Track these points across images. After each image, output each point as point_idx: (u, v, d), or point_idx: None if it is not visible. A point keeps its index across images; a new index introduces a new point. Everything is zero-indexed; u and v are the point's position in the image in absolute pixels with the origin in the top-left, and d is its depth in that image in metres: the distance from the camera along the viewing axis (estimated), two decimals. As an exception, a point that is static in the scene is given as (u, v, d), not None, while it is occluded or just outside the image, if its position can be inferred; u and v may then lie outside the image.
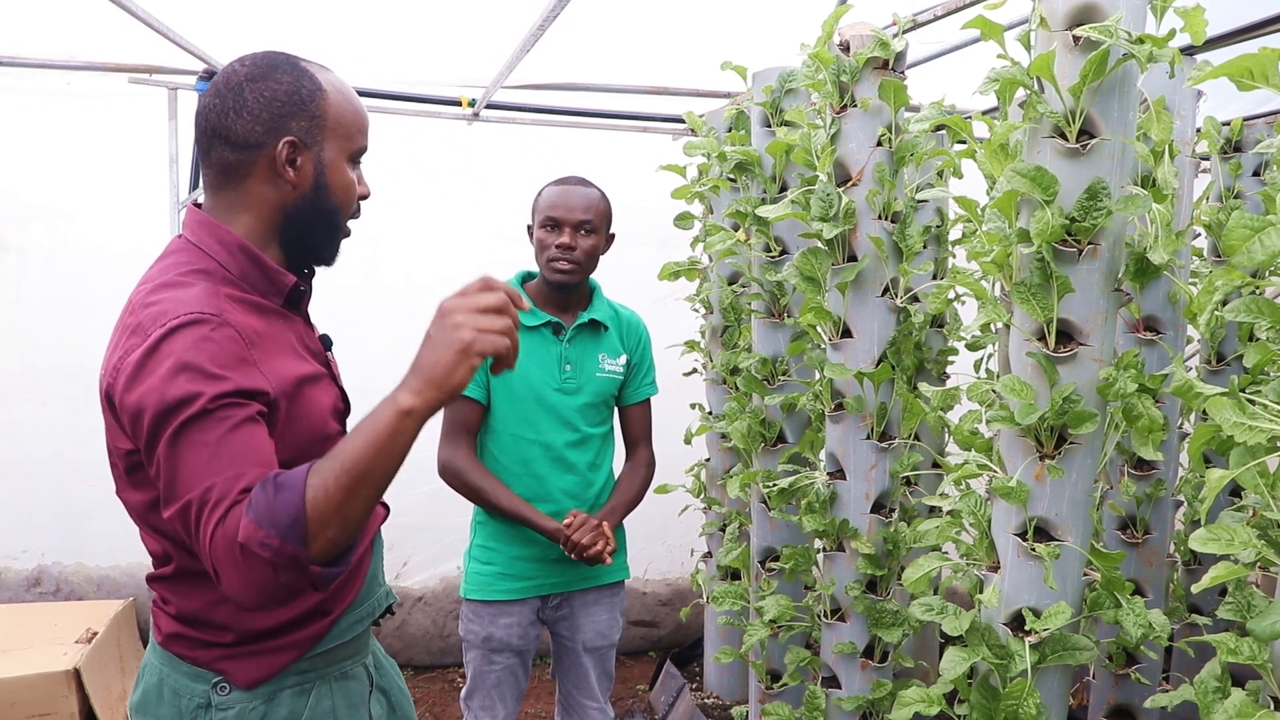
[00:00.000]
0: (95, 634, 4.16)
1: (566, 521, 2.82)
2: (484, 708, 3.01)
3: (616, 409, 3.15)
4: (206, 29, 3.96)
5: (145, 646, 4.61)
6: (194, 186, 4.30)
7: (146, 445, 1.50)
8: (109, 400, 1.58)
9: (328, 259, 1.83)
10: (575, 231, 2.84)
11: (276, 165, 1.67)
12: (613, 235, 2.98)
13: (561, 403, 2.92)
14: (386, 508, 1.93)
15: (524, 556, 2.95)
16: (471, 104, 4.45)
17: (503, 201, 4.69)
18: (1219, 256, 3.57)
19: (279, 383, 1.63)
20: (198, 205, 1.79)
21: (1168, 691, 2.13)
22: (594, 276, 3.02)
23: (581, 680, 3.10)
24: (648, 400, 3.16)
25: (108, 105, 4.45)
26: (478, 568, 3.00)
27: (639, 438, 3.16)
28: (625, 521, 3.10)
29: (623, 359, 3.03)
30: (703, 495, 4.22)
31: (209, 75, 4.13)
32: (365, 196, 1.82)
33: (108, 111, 4.47)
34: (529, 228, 2.93)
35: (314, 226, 1.75)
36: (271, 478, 1.44)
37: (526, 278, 3.01)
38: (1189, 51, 2.96)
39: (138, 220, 4.56)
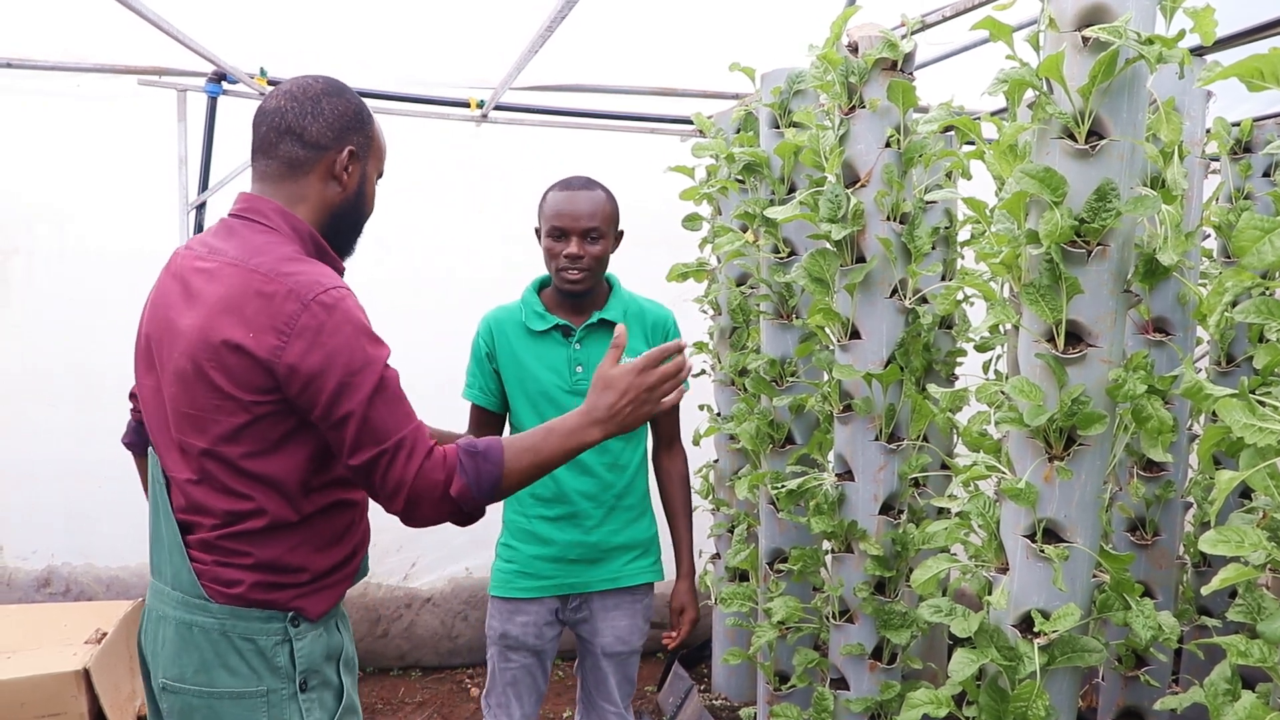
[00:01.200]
0: (105, 634, 4.17)
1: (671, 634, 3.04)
2: (500, 705, 3.00)
3: None
4: (216, 31, 3.97)
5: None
6: (203, 188, 4.31)
7: (329, 400, 1.79)
8: (251, 356, 1.79)
9: (344, 258, 2.10)
10: (582, 240, 2.79)
11: (335, 168, 1.98)
12: (621, 233, 2.93)
13: (574, 404, 2.85)
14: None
15: (541, 556, 2.94)
16: (480, 105, 4.45)
17: (511, 202, 4.68)
18: (1229, 258, 3.56)
19: None
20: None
21: (1177, 694, 2.12)
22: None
23: (601, 684, 3.08)
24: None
25: (116, 107, 4.46)
26: (500, 565, 3.00)
27: (670, 435, 3.13)
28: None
29: None
30: (711, 496, 4.22)
31: (219, 77, 4.15)
32: (373, 207, 2.13)
33: (116, 113, 4.48)
34: (536, 230, 2.91)
35: (348, 226, 2.06)
36: (479, 448, 1.91)
37: (543, 284, 2.98)
38: (1199, 52, 2.96)
39: (145, 222, 4.57)
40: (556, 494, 2.91)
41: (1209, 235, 3.76)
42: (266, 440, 1.86)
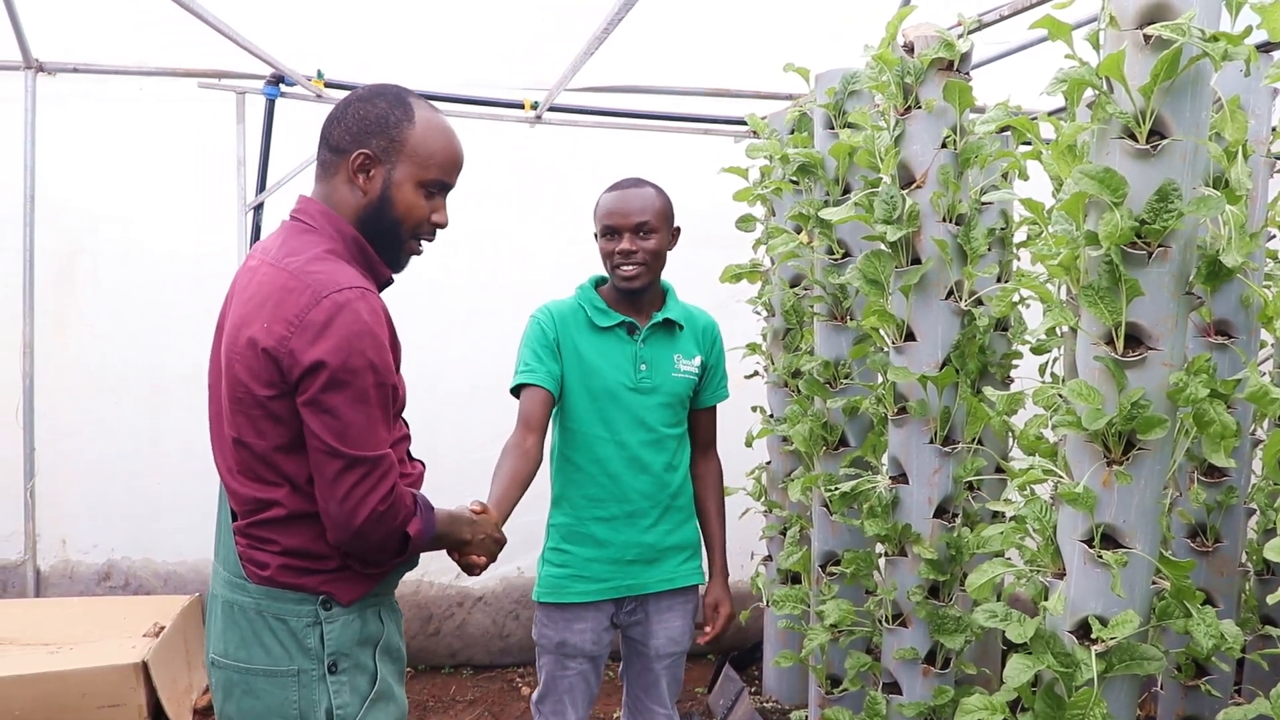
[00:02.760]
0: (162, 628, 4.24)
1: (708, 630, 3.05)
2: (555, 712, 2.99)
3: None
4: (274, 35, 4.03)
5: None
6: (260, 189, 4.38)
7: (319, 392, 1.84)
8: (263, 350, 1.86)
9: (395, 270, 2.13)
10: (634, 235, 2.81)
11: (350, 172, 2.01)
12: (678, 230, 2.94)
13: (637, 402, 2.89)
14: (423, 464, 2.23)
15: (598, 558, 2.91)
16: (534, 107, 4.48)
17: (564, 203, 4.71)
18: (1294, 259, 3.49)
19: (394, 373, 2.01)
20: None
21: (1240, 704, 2.08)
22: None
23: (651, 686, 3.07)
24: (715, 408, 3.13)
25: (177, 110, 4.54)
26: (551, 570, 2.96)
27: (709, 441, 3.14)
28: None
29: (697, 360, 2.99)
30: (763, 498, 4.21)
31: (277, 80, 4.21)
32: (441, 225, 2.12)
33: (177, 116, 4.57)
34: (595, 235, 2.93)
35: (378, 233, 2.06)
36: (423, 501, 2.05)
37: (599, 282, 3.01)
38: (1265, 49, 2.90)
39: (205, 223, 4.66)
40: (615, 494, 2.90)
41: (1274, 236, 3.69)
42: (283, 435, 1.92)
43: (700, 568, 3.10)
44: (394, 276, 2.13)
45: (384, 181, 2.02)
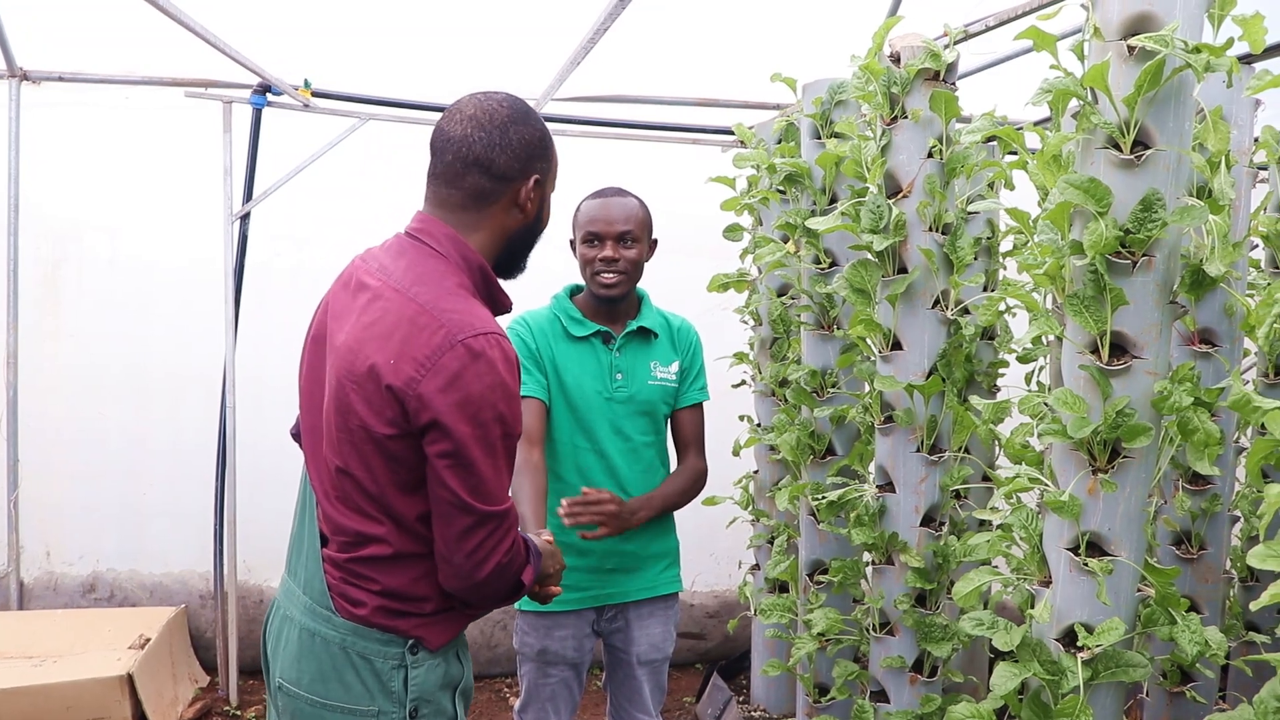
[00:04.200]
0: (148, 640, 4.22)
1: (585, 491, 2.80)
2: (539, 719, 3.01)
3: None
4: (261, 44, 4.02)
5: (194, 652, 4.69)
6: (247, 198, 4.37)
7: (452, 445, 1.78)
8: (387, 386, 1.79)
9: (517, 275, 2.10)
10: (617, 244, 2.82)
11: (520, 197, 1.96)
12: (655, 241, 2.95)
13: (614, 411, 2.89)
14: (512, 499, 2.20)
15: (579, 567, 2.90)
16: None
17: (558, 213, 4.71)
18: (1277, 268, 3.52)
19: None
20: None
21: (1224, 710, 2.09)
22: (643, 286, 3.01)
23: (635, 694, 3.07)
24: (699, 405, 3.08)
25: (163, 118, 4.54)
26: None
27: (690, 442, 3.09)
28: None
29: (675, 366, 2.99)
30: (751, 507, 4.21)
31: (264, 89, 4.21)
32: (548, 222, 2.10)
33: (163, 125, 4.56)
34: (571, 242, 2.93)
35: (524, 249, 2.06)
36: (532, 543, 2.04)
37: (574, 290, 3.01)
38: (1247, 60, 2.93)
39: (192, 232, 4.65)
40: None
41: (1257, 245, 3.72)
42: (398, 475, 1.85)
43: (679, 575, 3.11)
44: (512, 305, 2.09)
45: (541, 199, 2.01)
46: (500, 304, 2.02)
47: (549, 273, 2.91)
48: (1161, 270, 2.11)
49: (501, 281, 2.03)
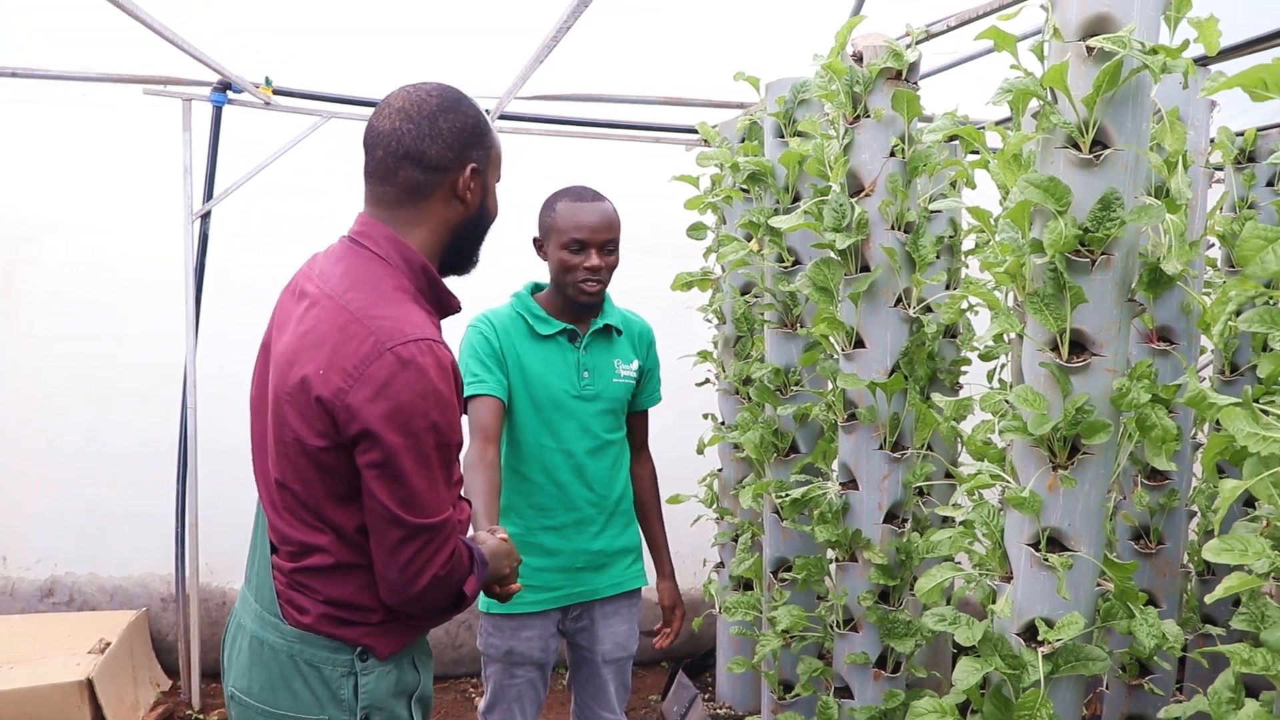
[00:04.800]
0: (108, 644, 4.18)
1: (660, 628, 3.13)
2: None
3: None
4: (221, 41, 3.98)
5: (156, 656, 4.65)
6: (208, 197, 4.33)
7: (380, 456, 1.72)
8: (317, 398, 1.75)
9: (469, 270, 2.06)
10: (601, 252, 2.80)
11: (458, 188, 1.89)
12: None
13: (582, 410, 2.89)
14: (469, 504, 2.16)
15: (547, 567, 2.90)
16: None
17: (515, 211, 4.70)
18: (1233, 267, 3.57)
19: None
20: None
21: (1181, 702, 2.12)
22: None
23: (600, 692, 3.08)
24: (647, 411, 3.16)
25: (122, 116, 4.48)
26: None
27: (643, 441, 3.17)
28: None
29: (635, 364, 3.01)
30: (715, 505, 4.22)
31: (224, 87, 4.16)
32: (497, 214, 2.05)
33: (122, 122, 4.51)
34: (536, 240, 2.90)
35: (472, 243, 2.01)
36: (478, 552, 1.96)
37: (535, 289, 2.99)
38: (1203, 62, 2.97)
39: (153, 232, 4.61)
40: (563, 502, 2.90)
41: (1213, 245, 3.77)
42: (332, 487, 1.81)
43: (643, 570, 3.12)
44: (461, 305, 2.03)
45: (482, 189, 1.94)
46: (447, 305, 1.97)
47: (497, 270, 2.89)
48: (1120, 269, 2.14)
49: (453, 281, 2.01)
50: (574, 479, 2.89)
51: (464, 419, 2.73)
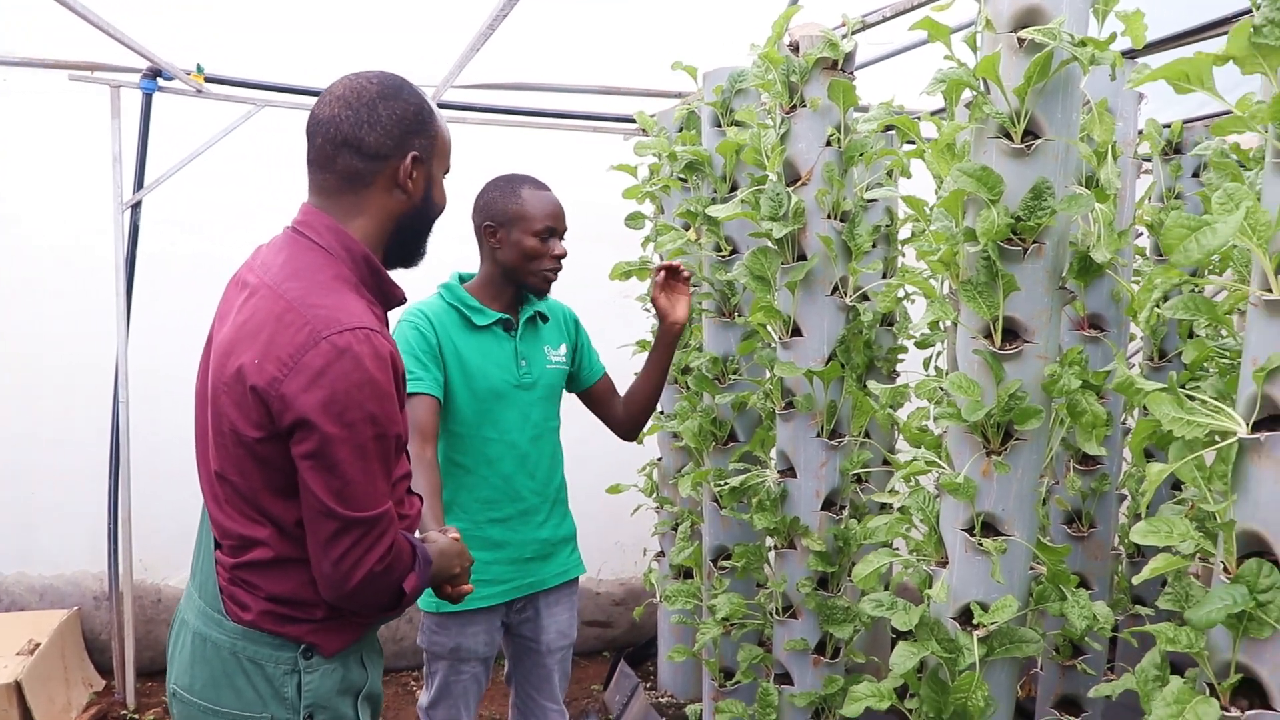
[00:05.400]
0: (38, 645, 4.09)
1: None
2: (449, 717, 2.97)
3: (582, 395, 3.13)
4: (151, 27, 3.91)
5: (89, 656, 4.56)
6: (139, 187, 4.25)
7: (314, 447, 1.69)
8: (252, 388, 1.72)
9: (417, 262, 2.03)
10: (561, 240, 2.84)
11: (399, 177, 1.87)
12: None
13: (522, 399, 2.87)
14: (421, 499, 2.12)
15: (497, 560, 2.87)
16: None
17: (457, 202, 4.66)
18: (1161, 256, 3.64)
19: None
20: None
21: (1112, 681, 2.16)
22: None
23: (544, 682, 3.07)
24: (605, 373, 3.16)
25: (47, 102, 4.38)
26: None
27: (614, 392, 3.16)
28: (578, 519, 3.09)
29: (563, 349, 3.01)
30: (655, 494, 4.23)
31: (154, 74, 4.09)
32: (444, 206, 2.03)
33: (48, 109, 4.41)
34: (488, 227, 2.83)
35: (417, 234, 1.98)
36: (421, 549, 1.92)
37: (463, 278, 2.95)
38: (1130, 55, 3.02)
39: (81, 221, 4.51)
40: (508, 493, 2.87)
41: (1142, 234, 3.84)
42: (270, 479, 1.78)
43: (581, 558, 3.12)
44: (406, 297, 2.00)
45: (426, 179, 1.92)
46: (391, 296, 1.94)
47: (442, 265, 2.87)
48: (1051, 257, 2.17)
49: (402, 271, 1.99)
50: (518, 469, 2.87)
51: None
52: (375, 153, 1.84)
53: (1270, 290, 1.64)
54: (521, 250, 2.80)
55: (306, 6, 4.28)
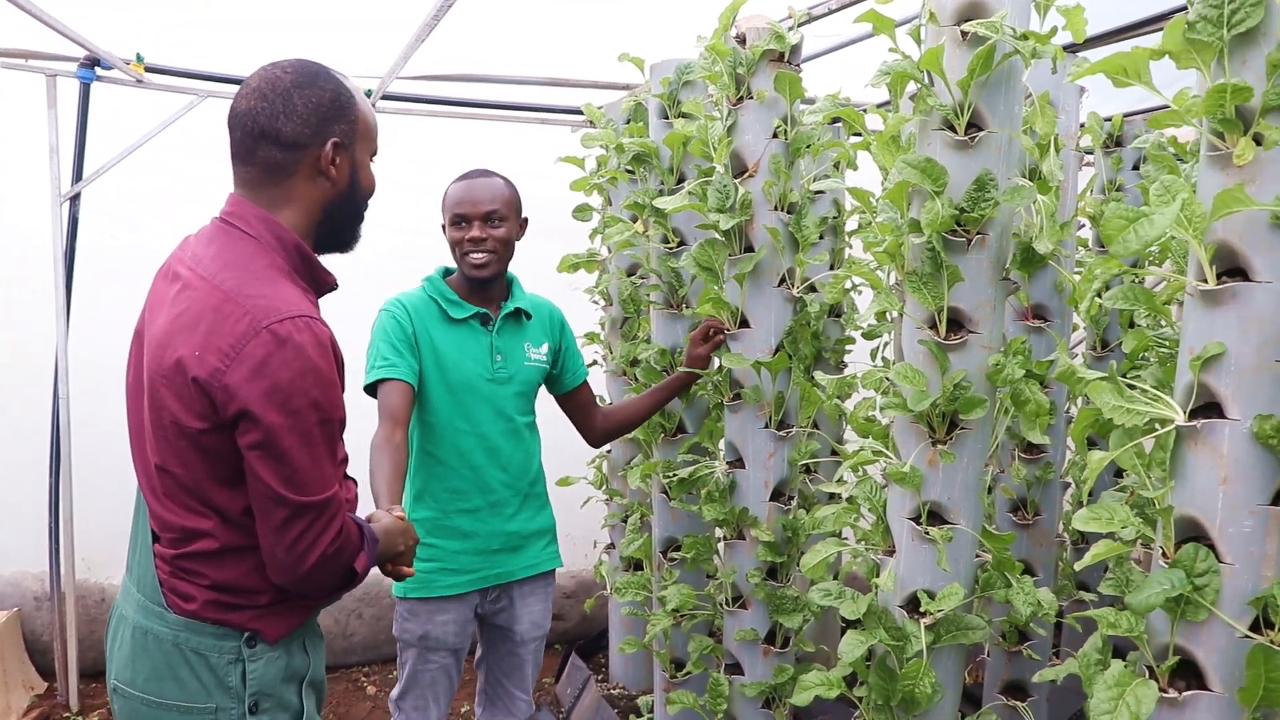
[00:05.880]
0: (-26, 646, 4.02)
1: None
2: (416, 708, 2.97)
3: (559, 397, 3.16)
4: (88, 14, 3.83)
5: (30, 658, 4.48)
6: (77, 178, 4.18)
7: (261, 436, 1.70)
8: (194, 379, 1.72)
9: (351, 247, 2.04)
10: (485, 224, 2.84)
11: (321, 164, 1.87)
12: (526, 221, 2.98)
13: (495, 393, 2.90)
14: (356, 483, 2.10)
15: (465, 550, 2.90)
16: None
17: (402, 193, 4.63)
18: (1102, 247, 3.69)
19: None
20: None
21: (1056, 666, 2.20)
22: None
23: (515, 671, 3.10)
24: (586, 381, 3.19)
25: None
26: (417, 565, 2.89)
27: (593, 402, 3.21)
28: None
29: (545, 347, 3.03)
30: (604, 487, 4.23)
31: (92, 63, 4.01)
32: (373, 189, 2.03)
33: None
34: (443, 227, 2.92)
35: (347, 220, 1.98)
36: (368, 529, 1.93)
37: (447, 272, 3.00)
38: (1071, 49, 3.06)
39: (18, 213, 4.41)
40: (478, 485, 2.90)
41: (1084, 225, 3.90)
42: (215, 469, 1.78)
43: (558, 552, 3.15)
44: (338, 283, 1.99)
45: (351, 165, 1.92)
46: (323, 282, 1.95)
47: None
48: (995, 248, 2.19)
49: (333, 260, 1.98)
50: (488, 462, 2.90)
51: (373, 397, 2.70)
52: (294, 142, 1.84)
53: (1206, 281, 1.67)
54: (449, 240, 2.90)
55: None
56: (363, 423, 2.77)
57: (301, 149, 1.85)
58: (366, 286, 2.96)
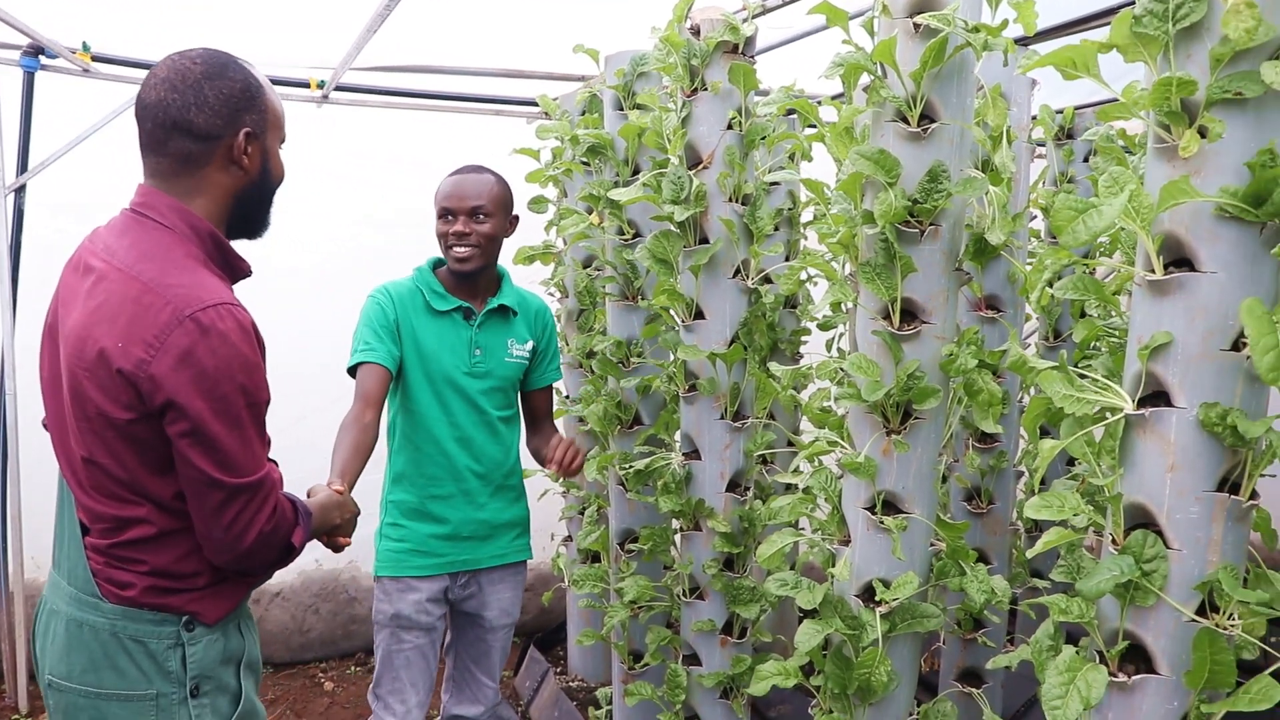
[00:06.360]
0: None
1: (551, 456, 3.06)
2: (393, 693, 3.00)
3: (521, 394, 3.19)
4: (30, 2, 3.75)
5: None
6: (22, 170, 4.10)
7: (191, 423, 1.73)
8: (118, 371, 1.73)
9: (261, 234, 2.06)
10: (469, 219, 2.89)
11: (234, 154, 1.88)
12: (516, 218, 3.04)
13: (471, 386, 2.97)
14: (275, 463, 2.11)
15: (436, 534, 2.99)
16: (320, 86, 4.34)
17: (359, 184, 4.60)
18: (1054, 238, 3.73)
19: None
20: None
21: (1010, 653, 2.22)
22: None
23: (483, 657, 3.17)
24: (551, 385, 3.23)
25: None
26: (390, 545, 3.02)
27: (546, 415, 3.25)
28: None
29: (529, 345, 3.09)
30: (561, 479, 4.22)
31: (35, 51, 3.94)
32: (283, 176, 2.05)
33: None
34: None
35: (258, 207, 2.00)
36: (301, 504, 2.00)
37: (437, 264, 3.07)
38: (1023, 42, 3.08)
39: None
40: (451, 473, 2.98)
41: (1036, 217, 3.94)
42: (144, 458, 1.80)
43: (529, 544, 3.22)
44: (252, 269, 2.01)
45: (262, 153, 1.93)
46: (238, 270, 1.97)
47: (295, 242, 2.83)
48: (947, 239, 2.20)
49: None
50: (461, 451, 2.98)
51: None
52: (207, 134, 1.85)
53: (1153, 271, 1.69)
54: (436, 233, 2.97)
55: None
56: (340, 404, 2.83)
57: (214, 140, 1.86)
58: (325, 283, 2.94)
